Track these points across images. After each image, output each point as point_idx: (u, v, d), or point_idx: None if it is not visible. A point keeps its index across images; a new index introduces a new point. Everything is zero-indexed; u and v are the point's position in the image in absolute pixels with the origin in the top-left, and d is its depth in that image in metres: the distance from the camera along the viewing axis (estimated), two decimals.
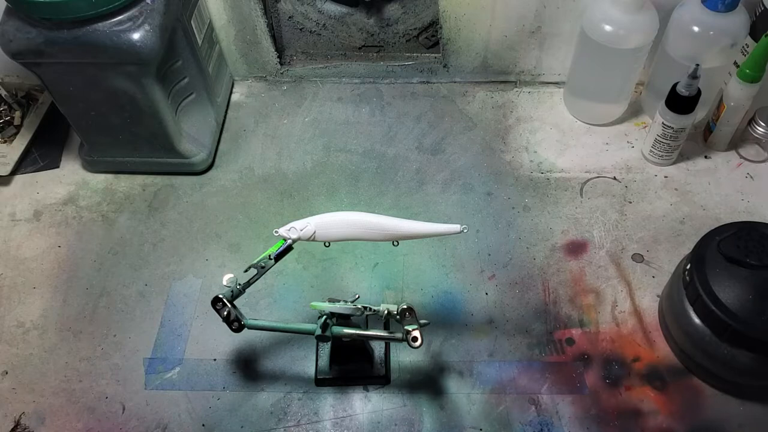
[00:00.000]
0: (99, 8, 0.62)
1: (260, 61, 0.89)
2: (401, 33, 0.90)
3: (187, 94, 0.77)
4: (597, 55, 0.75)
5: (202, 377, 0.63)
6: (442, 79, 0.89)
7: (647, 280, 0.69)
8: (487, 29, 0.82)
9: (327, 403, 0.61)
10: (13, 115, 0.85)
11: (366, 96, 0.89)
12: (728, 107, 0.73)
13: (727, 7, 0.68)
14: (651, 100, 0.82)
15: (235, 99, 0.90)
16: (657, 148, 0.76)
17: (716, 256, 0.58)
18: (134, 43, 0.63)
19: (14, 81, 0.87)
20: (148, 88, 0.69)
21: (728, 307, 0.55)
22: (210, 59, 0.82)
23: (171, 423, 0.61)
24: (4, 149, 0.82)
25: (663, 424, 0.59)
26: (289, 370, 0.64)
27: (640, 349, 0.64)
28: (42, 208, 0.79)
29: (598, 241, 0.72)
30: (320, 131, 0.85)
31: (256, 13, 0.82)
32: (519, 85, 0.89)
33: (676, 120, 0.72)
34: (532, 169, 0.79)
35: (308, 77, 0.91)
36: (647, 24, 0.72)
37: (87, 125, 0.75)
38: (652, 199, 0.76)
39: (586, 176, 0.78)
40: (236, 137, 0.85)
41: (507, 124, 0.85)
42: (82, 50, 0.64)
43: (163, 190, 0.80)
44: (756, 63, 0.69)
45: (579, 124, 0.84)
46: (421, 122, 0.85)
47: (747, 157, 0.79)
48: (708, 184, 0.77)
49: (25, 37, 0.64)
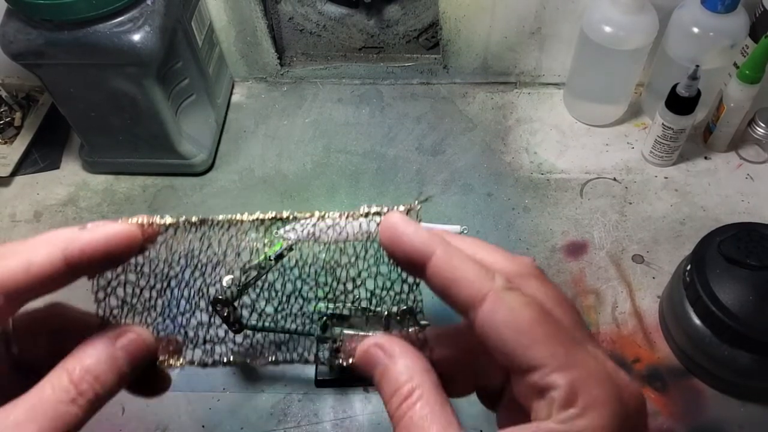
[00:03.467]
0: (99, 9, 0.62)
1: (260, 63, 0.89)
2: (401, 34, 0.90)
3: (188, 95, 0.77)
4: (597, 56, 0.75)
5: (202, 378, 0.63)
6: (442, 80, 0.90)
7: (647, 281, 0.69)
8: (487, 30, 0.82)
9: (327, 405, 0.61)
10: (13, 116, 0.85)
11: (366, 97, 0.89)
12: (728, 108, 0.73)
13: (726, 8, 0.68)
14: (651, 101, 0.82)
15: (236, 100, 0.90)
16: (657, 149, 0.76)
17: (716, 257, 0.58)
18: (135, 44, 0.64)
19: (15, 82, 0.88)
20: (149, 89, 0.69)
21: (728, 308, 0.55)
22: (210, 60, 0.82)
23: (171, 424, 0.61)
24: (4, 150, 0.82)
25: (663, 425, 0.59)
26: (289, 371, 0.64)
27: (640, 350, 0.64)
28: (42, 209, 0.79)
29: (598, 242, 0.72)
30: (320, 132, 0.85)
31: (256, 14, 0.83)
32: (519, 87, 0.89)
33: (676, 121, 0.72)
34: (532, 170, 0.79)
35: (308, 78, 0.91)
36: (647, 25, 0.72)
37: (87, 126, 0.75)
38: (652, 200, 0.76)
39: (586, 177, 0.78)
40: (236, 138, 0.85)
41: (507, 125, 0.85)
42: (82, 51, 0.64)
43: (164, 191, 0.80)
44: (756, 64, 0.69)
45: (579, 125, 0.84)
46: (421, 123, 0.85)
47: (747, 158, 0.79)
48: (708, 185, 0.77)
49: (26, 38, 0.64)
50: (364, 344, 0.29)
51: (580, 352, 0.25)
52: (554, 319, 0.25)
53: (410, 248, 0.26)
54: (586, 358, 0.25)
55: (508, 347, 0.25)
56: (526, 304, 0.25)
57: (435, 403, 0.26)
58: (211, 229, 0.30)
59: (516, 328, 0.24)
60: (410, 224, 0.27)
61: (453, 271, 0.26)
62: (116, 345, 0.28)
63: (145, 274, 0.31)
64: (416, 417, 0.25)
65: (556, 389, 0.24)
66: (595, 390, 0.24)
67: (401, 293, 0.30)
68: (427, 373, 0.27)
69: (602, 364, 0.25)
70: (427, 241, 0.26)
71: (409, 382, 0.26)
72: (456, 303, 0.26)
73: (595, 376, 0.24)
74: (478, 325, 0.25)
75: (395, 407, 0.26)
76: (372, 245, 0.29)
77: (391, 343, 0.28)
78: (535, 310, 0.25)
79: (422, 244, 0.26)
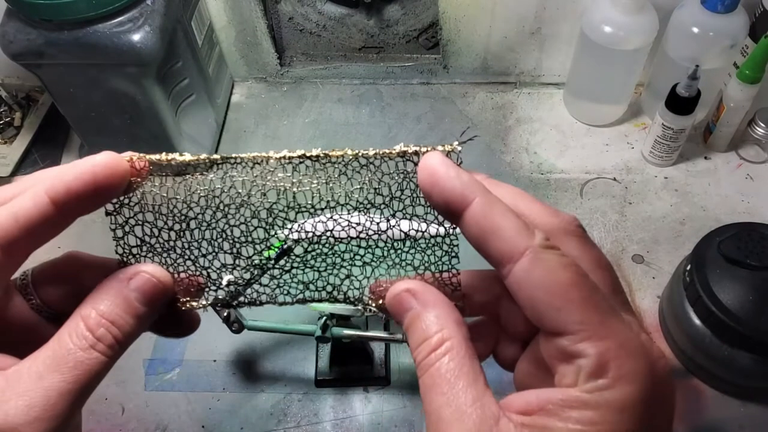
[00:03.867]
0: (99, 9, 0.62)
1: (260, 63, 0.89)
2: (401, 34, 0.90)
3: (188, 95, 0.77)
4: (597, 56, 0.75)
5: (201, 378, 0.63)
6: (442, 80, 0.90)
7: (647, 281, 0.69)
8: (487, 30, 0.82)
9: (327, 405, 0.61)
10: (13, 116, 0.85)
11: (366, 97, 0.89)
12: (728, 108, 0.73)
13: (726, 8, 0.68)
14: (651, 101, 0.82)
15: (235, 100, 0.90)
16: (657, 149, 0.76)
17: (716, 257, 0.58)
18: (135, 44, 0.64)
19: (14, 82, 0.87)
20: (149, 89, 0.69)
21: (728, 308, 0.55)
22: (210, 60, 0.82)
23: (171, 424, 0.61)
24: (4, 150, 0.82)
25: None
26: (289, 371, 0.64)
27: None
28: None
29: (598, 242, 0.72)
30: (320, 132, 0.85)
31: (256, 14, 0.83)
32: (519, 87, 0.89)
33: (676, 121, 0.72)
34: (532, 170, 0.79)
35: (308, 78, 0.91)
36: (647, 25, 0.72)
37: (87, 126, 0.75)
38: (652, 200, 0.76)
39: (586, 177, 0.78)
40: (236, 138, 0.85)
41: (507, 125, 0.85)
42: (82, 51, 0.64)
43: None
44: (756, 64, 0.69)
45: (579, 125, 0.84)
46: (421, 123, 0.85)
47: (747, 158, 0.79)
48: (708, 185, 0.77)
49: (26, 38, 0.64)
50: (396, 287, 0.28)
51: (614, 321, 0.24)
52: (591, 284, 0.24)
53: (450, 193, 0.25)
54: (620, 328, 0.24)
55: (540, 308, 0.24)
56: (564, 266, 0.24)
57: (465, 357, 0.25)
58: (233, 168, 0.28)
59: (550, 290, 0.23)
60: (450, 167, 0.25)
61: (491, 222, 0.24)
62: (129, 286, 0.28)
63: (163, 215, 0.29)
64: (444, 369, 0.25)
65: (586, 357, 0.23)
66: (628, 362, 0.23)
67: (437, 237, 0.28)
68: (458, 325, 0.26)
69: (636, 335, 0.24)
70: (468, 187, 0.25)
71: (440, 332, 0.26)
72: (491, 255, 0.25)
73: (627, 348, 0.23)
74: (511, 281, 0.24)
75: (423, 356, 0.26)
76: (408, 185, 0.28)
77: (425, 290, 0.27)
78: (573, 273, 0.24)
79: (462, 189, 0.25)
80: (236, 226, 0.29)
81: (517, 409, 0.24)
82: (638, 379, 0.23)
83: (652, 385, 0.23)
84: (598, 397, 0.23)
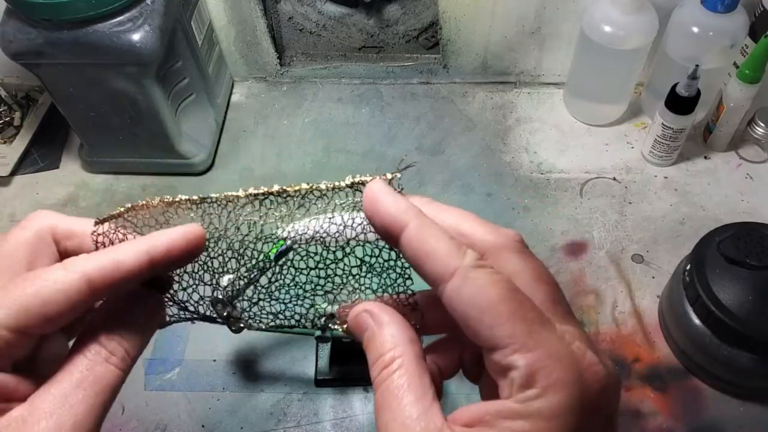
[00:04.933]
0: (99, 9, 0.62)
1: (260, 62, 0.89)
2: (401, 34, 0.90)
3: (187, 94, 0.77)
4: (597, 56, 0.75)
5: (201, 378, 0.63)
6: (442, 79, 0.90)
7: (647, 280, 0.69)
8: (487, 30, 0.82)
9: (327, 404, 0.61)
10: (12, 115, 0.85)
11: (366, 97, 0.89)
12: (728, 108, 0.73)
13: (726, 8, 0.68)
14: (651, 100, 0.82)
15: (235, 100, 0.90)
16: (657, 149, 0.76)
17: (716, 257, 0.58)
18: (134, 43, 0.64)
19: (14, 82, 0.87)
20: (148, 89, 0.69)
21: (728, 307, 0.55)
22: (210, 60, 0.82)
23: (171, 424, 0.61)
24: (3, 150, 0.82)
25: (663, 425, 0.59)
26: (289, 371, 0.64)
27: (640, 350, 0.64)
28: (42, 208, 0.78)
29: (598, 241, 0.72)
30: (320, 132, 0.85)
31: (256, 14, 0.83)
32: (519, 86, 0.89)
33: (676, 121, 0.72)
34: (531, 170, 0.79)
35: (308, 78, 0.91)
36: (647, 25, 0.72)
37: (87, 126, 0.75)
38: (651, 199, 0.76)
39: (586, 177, 0.78)
40: (236, 138, 0.85)
41: (507, 125, 0.85)
42: (82, 51, 0.64)
43: (164, 190, 0.80)
44: (755, 64, 0.69)
45: (579, 124, 0.84)
46: (421, 123, 0.85)
47: (747, 158, 0.79)
48: (708, 184, 0.77)
49: (25, 37, 0.64)
50: (355, 309, 0.29)
51: (544, 332, 0.25)
52: (521, 298, 0.25)
53: (387, 218, 0.26)
54: (549, 339, 0.25)
55: (472, 324, 0.25)
56: (492, 283, 0.25)
57: (413, 374, 0.26)
58: (210, 206, 0.31)
59: (479, 306, 0.24)
60: (388, 194, 0.27)
61: (424, 245, 0.26)
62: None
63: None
64: (393, 385, 0.26)
65: (517, 369, 0.24)
66: (555, 372, 0.24)
67: (389, 260, 0.30)
68: (410, 343, 0.27)
69: (567, 344, 0.25)
70: (404, 212, 0.26)
71: (392, 350, 0.27)
72: (426, 276, 0.26)
73: (555, 358, 0.24)
74: (445, 300, 0.25)
75: (376, 373, 0.27)
76: (359, 213, 0.30)
77: (381, 310, 0.29)
78: (502, 288, 0.25)
79: (398, 214, 0.26)
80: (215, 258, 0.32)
81: (463, 422, 0.25)
82: (566, 388, 0.24)
83: (580, 393, 0.24)
84: (529, 406, 0.24)
